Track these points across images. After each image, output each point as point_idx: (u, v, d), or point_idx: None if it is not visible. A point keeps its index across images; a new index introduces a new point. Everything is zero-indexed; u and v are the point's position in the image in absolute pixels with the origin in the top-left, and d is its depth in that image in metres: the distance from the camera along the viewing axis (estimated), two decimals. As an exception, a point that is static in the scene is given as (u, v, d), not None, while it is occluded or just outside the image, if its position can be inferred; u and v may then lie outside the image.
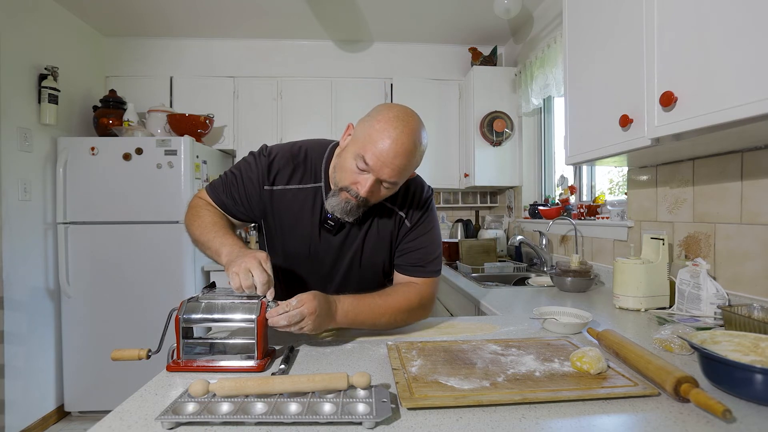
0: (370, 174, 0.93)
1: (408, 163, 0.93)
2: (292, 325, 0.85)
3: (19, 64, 2.34)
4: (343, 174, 0.97)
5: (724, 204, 1.31)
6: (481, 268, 2.34)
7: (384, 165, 0.91)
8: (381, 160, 0.90)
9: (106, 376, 2.54)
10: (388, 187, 0.96)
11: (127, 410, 0.67)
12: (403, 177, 0.96)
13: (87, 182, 2.53)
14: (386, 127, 0.91)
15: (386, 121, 0.92)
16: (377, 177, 0.93)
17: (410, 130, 0.92)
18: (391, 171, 0.92)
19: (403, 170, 0.93)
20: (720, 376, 0.70)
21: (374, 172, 0.92)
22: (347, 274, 1.12)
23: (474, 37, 3.16)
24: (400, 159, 0.91)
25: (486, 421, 0.63)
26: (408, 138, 0.91)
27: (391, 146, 0.90)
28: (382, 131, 0.91)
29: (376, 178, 0.93)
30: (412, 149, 0.92)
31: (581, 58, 1.51)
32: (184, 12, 2.78)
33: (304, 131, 3.12)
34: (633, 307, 1.36)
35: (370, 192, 0.94)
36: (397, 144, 0.90)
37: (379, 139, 0.90)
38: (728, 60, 0.88)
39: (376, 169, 0.92)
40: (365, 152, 0.91)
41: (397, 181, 0.95)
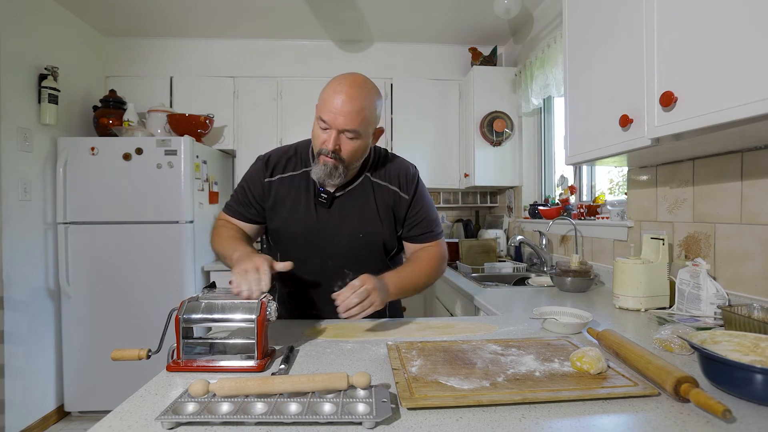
0: (331, 129, 1.07)
1: (359, 108, 1.05)
2: (361, 304, 0.95)
3: (19, 64, 2.34)
4: (315, 141, 1.13)
5: (724, 204, 1.31)
6: (481, 268, 2.34)
7: (338, 115, 1.04)
8: (333, 111, 1.05)
9: (106, 376, 2.54)
10: (351, 137, 1.08)
11: (127, 410, 0.67)
12: (361, 124, 1.07)
13: (87, 182, 2.53)
14: (333, 85, 1.07)
15: (333, 81, 1.08)
16: (336, 129, 1.06)
17: (353, 80, 1.07)
18: (345, 119, 1.05)
19: (356, 116, 1.05)
20: (720, 376, 0.70)
21: (332, 125, 1.06)
22: (349, 249, 1.19)
23: (474, 37, 3.16)
24: (349, 105, 1.04)
25: (486, 421, 0.63)
26: (352, 88, 1.05)
27: (339, 97, 1.04)
28: (330, 90, 1.07)
29: (336, 131, 1.06)
30: (358, 96, 1.05)
31: (581, 58, 1.51)
32: (184, 12, 2.78)
33: (304, 131, 3.07)
34: (633, 307, 1.36)
35: (336, 144, 1.07)
36: (344, 94, 1.04)
37: (329, 96, 1.06)
38: (728, 60, 0.88)
39: (333, 122, 1.05)
40: (322, 112, 1.07)
41: (356, 128, 1.06)
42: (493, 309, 1.44)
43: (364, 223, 1.19)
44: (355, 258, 1.19)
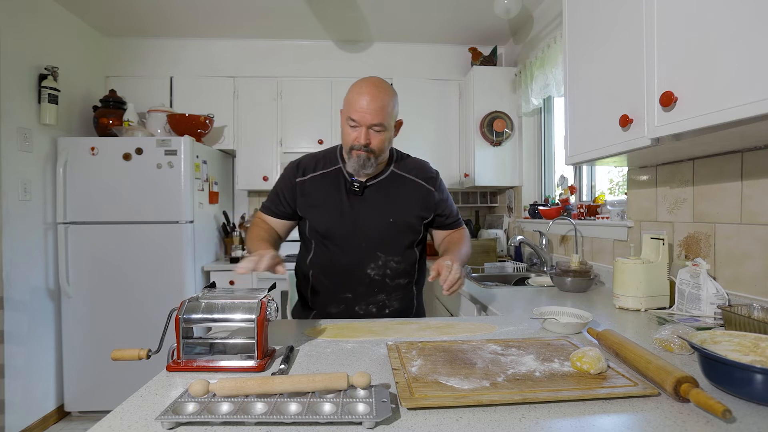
0: (361, 126, 1.20)
1: (382, 104, 1.20)
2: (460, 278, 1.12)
3: (19, 64, 2.34)
4: (346, 138, 1.25)
5: (724, 204, 1.31)
6: (481, 268, 2.34)
7: (365, 113, 1.19)
8: (361, 111, 1.19)
9: (106, 376, 2.54)
10: (379, 129, 1.21)
11: (127, 410, 0.67)
12: (386, 118, 1.21)
13: (87, 182, 2.53)
14: (356, 89, 1.22)
15: (356, 86, 1.23)
16: (365, 125, 1.20)
17: (373, 82, 1.22)
18: (372, 115, 1.19)
19: (381, 111, 1.20)
20: (720, 376, 0.70)
21: (361, 122, 1.20)
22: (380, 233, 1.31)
23: (474, 37, 3.16)
24: (374, 103, 1.19)
25: (486, 421, 0.63)
26: (373, 88, 1.20)
27: (364, 98, 1.19)
28: (354, 93, 1.22)
29: (365, 127, 1.20)
30: (380, 94, 1.20)
31: (581, 58, 1.51)
32: (184, 12, 2.78)
33: (304, 131, 3.12)
34: (633, 307, 1.36)
35: (367, 138, 1.20)
36: (368, 95, 1.19)
37: (354, 99, 1.21)
38: (728, 60, 0.88)
39: (362, 120, 1.20)
40: (350, 113, 1.21)
41: (382, 122, 1.20)
42: (493, 309, 1.44)
43: (393, 209, 1.32)
44: (386, 241, 1.31)
